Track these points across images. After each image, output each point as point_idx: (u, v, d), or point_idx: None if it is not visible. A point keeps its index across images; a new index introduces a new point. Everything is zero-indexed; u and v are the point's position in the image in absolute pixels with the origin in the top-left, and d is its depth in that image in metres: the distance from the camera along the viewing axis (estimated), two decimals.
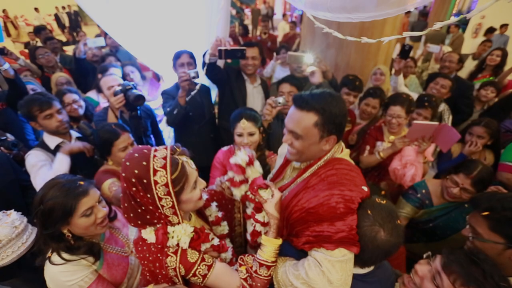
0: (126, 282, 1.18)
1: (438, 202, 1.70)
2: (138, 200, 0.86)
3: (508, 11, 5.97)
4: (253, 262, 1.03)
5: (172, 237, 0.91)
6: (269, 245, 1.02)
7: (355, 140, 2.46)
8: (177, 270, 0.92)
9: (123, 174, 0.84)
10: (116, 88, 1.93)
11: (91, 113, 2.43)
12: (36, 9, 12.11)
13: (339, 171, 1.02)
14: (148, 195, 0.85)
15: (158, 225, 0.92)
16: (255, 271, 1.00)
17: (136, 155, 0.86)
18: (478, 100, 2.96)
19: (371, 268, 1.03)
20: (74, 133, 1.91)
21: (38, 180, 1.61)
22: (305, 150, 1.05)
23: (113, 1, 2.40)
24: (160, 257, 0.91)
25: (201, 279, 0.94)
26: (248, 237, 1.23)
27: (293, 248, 1.08)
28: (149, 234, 0.92)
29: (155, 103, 2.95)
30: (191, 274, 0.93)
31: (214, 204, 1.26)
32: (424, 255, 1.05)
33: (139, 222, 0.91)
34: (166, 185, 0.84)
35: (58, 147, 1.75)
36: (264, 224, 1.14)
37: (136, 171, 0.82)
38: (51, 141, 1.76)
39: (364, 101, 2.46)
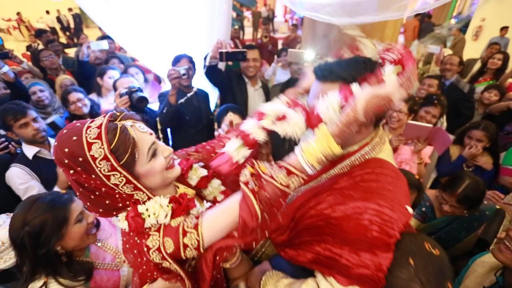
0: None
1: (440, 215, 1.69)
2: (86, 184, 0.68)
3: (508, 13, 5.99)
4: (270, 168, 0.73)
5: (149, 215, 0.74)
6: (320, 138, 0.68)
7: None
8: (162, 249, 0.72)
9: (54, 157, 0.69)
10: (121, 90, 1.94)
11: (97, 112, 2.44)
12: (47, 12, 12.21)
13: (380, 178, 0.77)
14: (93, 176, 0.67)
15: (128, 208, 0.75)
16: (270, 175, 0.70)
17: (65, 131, 0.69)
18: (481, 103, 2.97)
19: None
20: (54, 142, 1.87)
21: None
22: None
23: (115, 4, 2.42)
24: (138, 241, 0.75)
25: (195, 233, 0.72)
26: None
27: (286, 263, 0.87)
28: (123, 223, 0.75)
29: (156, 105, 2.96)
30: (181, 240, 0.72)
31: (216, 181, 0.98)
32: None
33: (101, 210, 0.75)
34: (106, 158, 0.66)
35: (36, 157, 1.73)
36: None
37: (66, 150, 0.66)
38: (29, 151, 1.72)
39: None
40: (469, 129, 2.16)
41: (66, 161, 0.66)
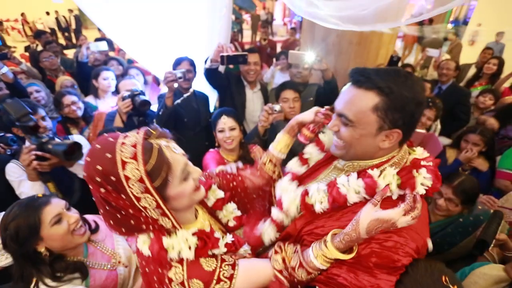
0: None
1: (434, 219, 1.70)
2: (113, 203, 0.66)
3: (504, 18, 6.08)
4: (293, 255, 0.81)
5: (173, 248, 0.73)
6: (327, 252, 0.75)
7: None
8: (187, 285, 0.71)
9: (85, 174, 0.66)
10: (124, 92, 1.95)
11: (90, 115, 2.43)
12: (47, 13, 12.16)
13: None
14: (123, 196, 0.65)
15: (150, 233, 0.74)
16: (292, 268, 0.79)
17: (99, 146, 0.66)
18: (477, 107, 3.01)
19: None
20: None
21: (22, 190, 1.63)
22: (354, 143, 0.78)
23: (115, 5, 2.42)
24: (160, 271, 0.73)
25: (229, 284, 0.74)
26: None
27: None
28: (143, 246, 0.75)
29: (155, 107, 2.96)
30: (213, 286, 0.73)
31: (232, 205, 1.01)
32: None
33: (123, 230, 0.72)
34: (141, 180, 0.65)
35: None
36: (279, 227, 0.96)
37: (99, 167, 0.63)
38: None
39: None
40: (466, 133, 2.19)
41: (98, 179, 0.64)
